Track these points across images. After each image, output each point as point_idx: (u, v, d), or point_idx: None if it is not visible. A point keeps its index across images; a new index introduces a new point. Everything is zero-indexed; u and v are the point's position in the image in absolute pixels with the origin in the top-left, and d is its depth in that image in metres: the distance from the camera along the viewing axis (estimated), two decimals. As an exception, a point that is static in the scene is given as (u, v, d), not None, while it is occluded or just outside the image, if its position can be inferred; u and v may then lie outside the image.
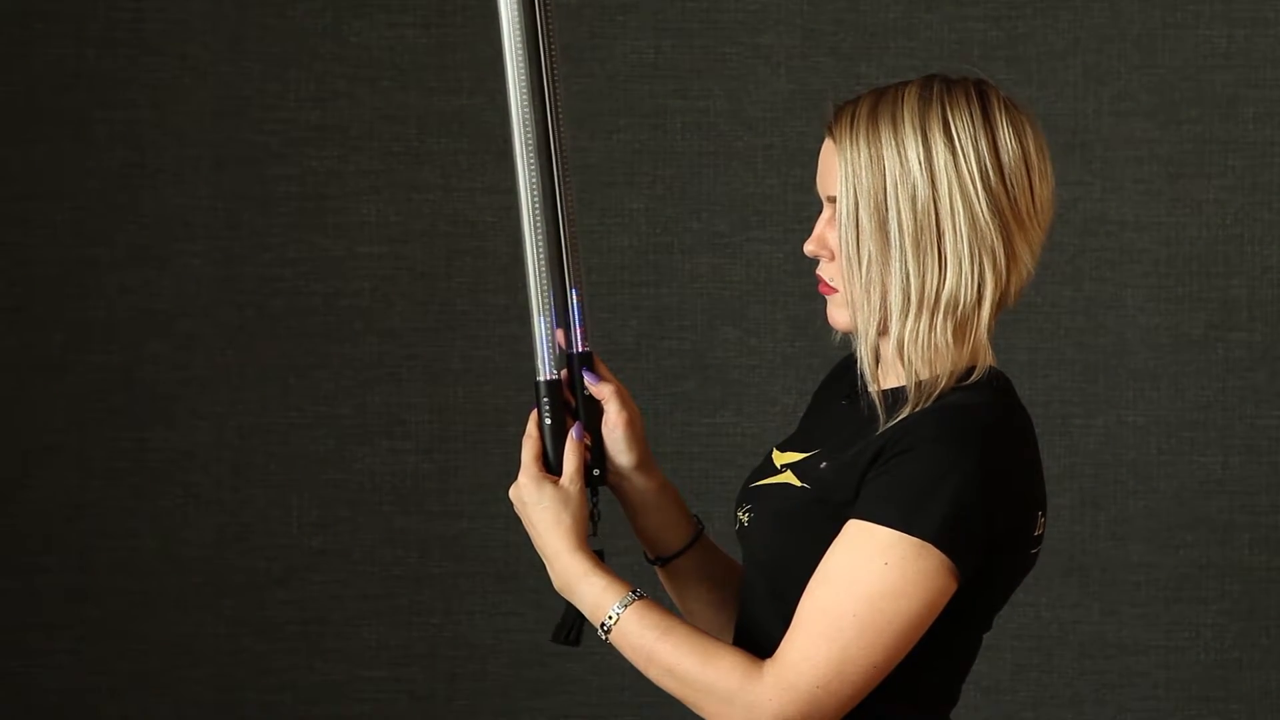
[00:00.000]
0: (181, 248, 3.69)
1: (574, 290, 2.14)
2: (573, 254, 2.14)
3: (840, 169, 2.01)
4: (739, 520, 2.09)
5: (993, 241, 1.99)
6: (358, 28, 3.67)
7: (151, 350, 3.70)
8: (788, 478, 2.06)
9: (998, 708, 3.67)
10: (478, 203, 3.68)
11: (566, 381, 2.15)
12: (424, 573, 3.71)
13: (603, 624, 2.04)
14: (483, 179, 3.68)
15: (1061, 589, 3.66)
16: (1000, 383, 2.03)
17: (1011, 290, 2.02)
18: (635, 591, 2.04)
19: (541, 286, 2.13)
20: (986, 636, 2.07)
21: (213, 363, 3.70)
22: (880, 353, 2.04)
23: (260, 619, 3.72)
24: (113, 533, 3.71)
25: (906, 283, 1.99)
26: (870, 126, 2.00)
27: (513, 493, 2.11)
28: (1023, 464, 1.99)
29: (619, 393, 2.14)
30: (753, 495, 2.09)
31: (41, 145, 3.67)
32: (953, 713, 2.07)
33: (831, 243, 2.04)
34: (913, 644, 1.95)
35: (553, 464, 2.12)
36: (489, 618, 3.71)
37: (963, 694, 2.08)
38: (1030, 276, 2.03)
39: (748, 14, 3.64)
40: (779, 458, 2.11)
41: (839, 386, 2.15)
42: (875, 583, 1.92)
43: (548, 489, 2.09)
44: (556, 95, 2.13)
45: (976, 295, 2.00)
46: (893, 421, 1.99)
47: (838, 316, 2.06)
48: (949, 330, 2.00)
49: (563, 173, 2.14)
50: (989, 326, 2.01)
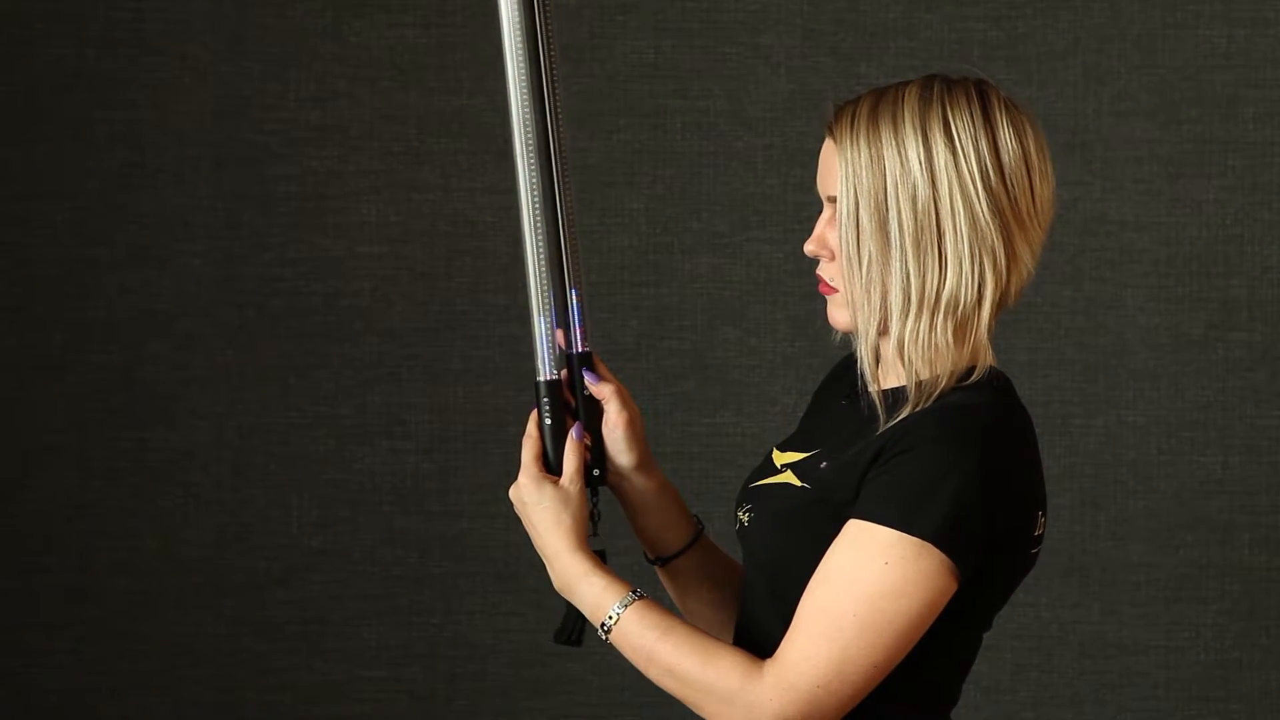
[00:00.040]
0: (181, 248, 3.69)
1: (574, 290, 2.14)
2: (573, 254, 2.14)
3: (840, 169, 2.01)
4: (739, 520, 2.09)
5: (993, 241, 1.99)
6: (358, 28, 3.67)
7: (151, 350, 3.70)
8: (788, 477, 2.06)
9: (998, 708, 3.67)
10: (478, 203, 3.68)
11: (566, 381, 2.15)
12: (424, 573, 3.71)
13: (603, 624, 2.03)
14: (483, 179, 3.68)
15: (1061, 589, 3.66)
16: (1000, 383, 2.03)
17: (1012, 290, 2.02)
18: (635, 591, 2.04)
19: (541, 286, 2.13)
20: (986, 636, 2.07)
21: (213, 363, 3.70)
22: (880, 353, 2.04)
23: (260, 619, 3.72)
24: (113, 533, 3.71)
25: (907, 283, 1.99)
26: (871, 126, 2.00)
27: (513, 493, 2.11)
28: (1023, 464, 1.99)
29: (619, 393, 2.14)
30: (753, 495, 2.09)
31: (41, 145, 3.67)
32: (953, 713, 2.07)
33: (832, 243, 2.04)
34: (913, 644, 1.95)
35: (553, 464, 2.12)
36: (489, 618, 3.71)
37: (963, 694, 2.08)
38: (1030, 276, 2.03)
39: (748, 14, 3.64)
40: (779, 458, 2.10)
41: (839, 386, 2.15)
42: (875, 582, 1.92)
43: (548, 489, 2.09)
44: (556, 95, 2.13)
45: (977, 295, 2.00)
46: (893, 421, 1.99)
47: (838, 316, 2.06)
48: (949, 330, 2.00)
49: (563, 173, 2.14)
50: (989, 326, 2.01)
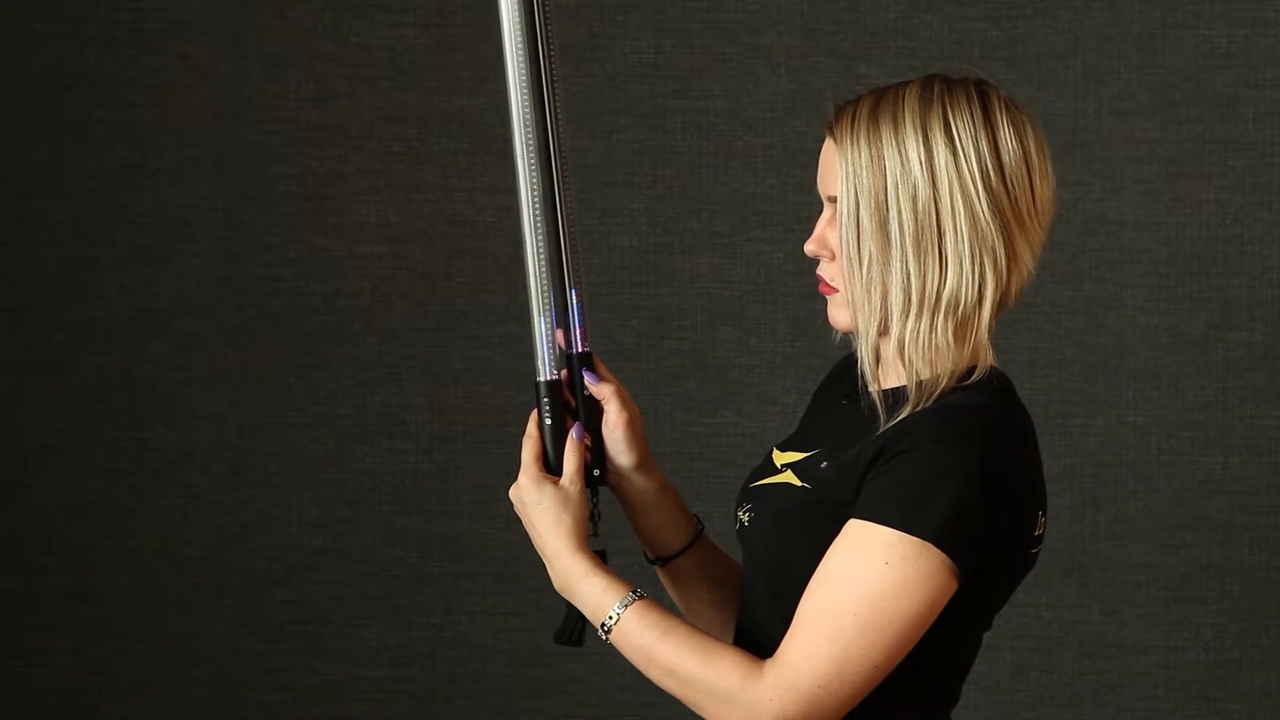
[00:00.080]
0: (181, 248, 3.69)
1: (574, 290, 2.14)
2: (573, 254, 2.14)
3: (841, 169, 2.01)
4: (739, 520, 2.09)
5: (993, 241, 1.99)
6: (358, 28, 3.67)
7: (151, 350, 3.70)
8: (788, 477, 2.06)
9: (998, 708, 3.67)
10: (478, 203, 3.68)
11: (566, 381, 2.15)
12: (424, 573, 3.71)
13: (603, 624, 2.03)
14: (483, 179, 3.68)
15: (1061, 589, 3.65)
16: (1000, 383, 2.03)
17: (1012, 290, 2.02)
18: (635, 591, 2.03)
19: (541, 286, 2.13)
20: (986, 636, 2.07)
21: (213, 363, 3.69)
22: (881, 353, 2.04)
23: (260, 619, 3.72)
24: (113, 533, 3.71)
25: (907, 283, 1.99)
26: (871, 126, 2.00)
27: (513, 493, 2.11)
28: (1023, 464, 1.99)
29: (619, 393, 2.14)
30: (753, 495, 2.09)
31: (41, 145, 3.67)
32: (953, 712, 2.07)
33: (832, 243, 2.04)
34: (913, 644, 1.95)
35: (553, 464, 2.12)
36: (489, 618, 3.71)
37: (963, 694, 2.08)
38: (1031, 276, 2.03)
39: (748, 14, 3.64)
40: (779, 457, 2.10)
41: (839, 386, 2.15)
42: (876, 582, 1.92)
43: (548, 489, 2.09)
44: (556, 95, 2.13)
45: (977, 295, 2.00)
46: (893, 421, 1.98)
47: (838, 316, 2.06)
48: (950, 330, 2.00)
49: (563, 173, 2.14)
50: (989, 326, 2.01)
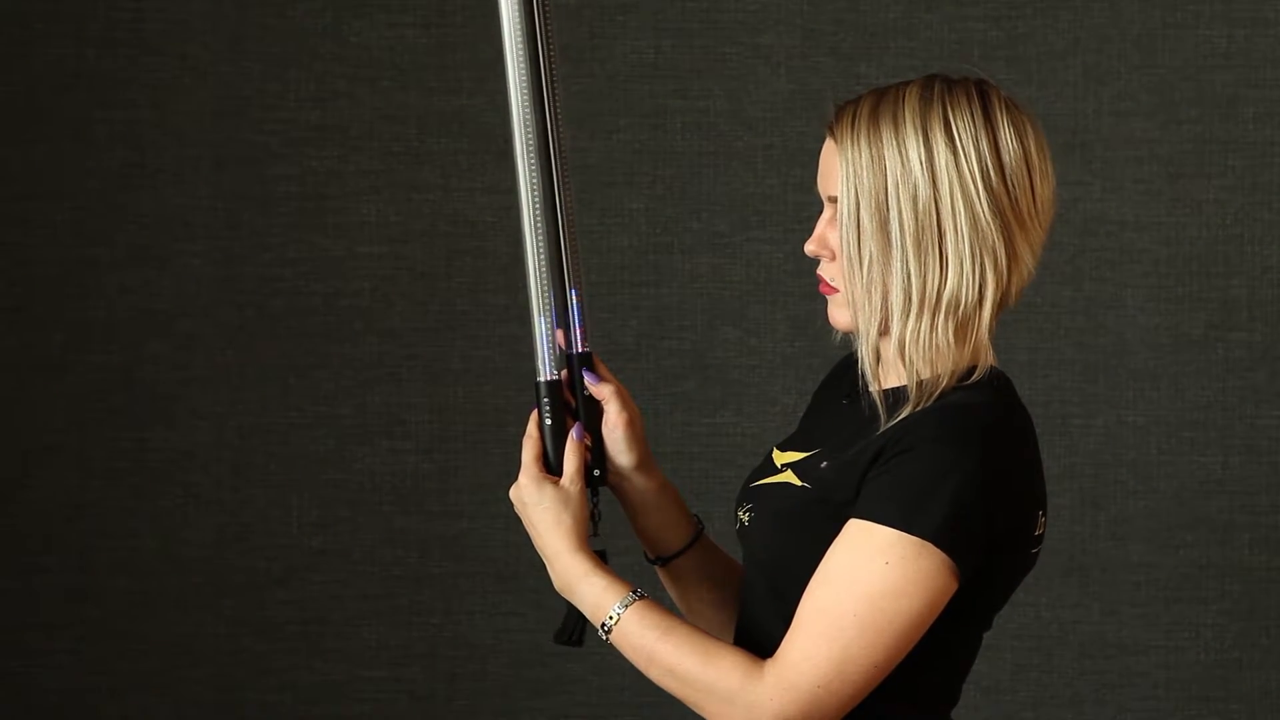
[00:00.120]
0: (181, 248, 3.69)
1: (574, 290, 2.14)
2: (573, 254, 2.14)
3: (841, 169, 2.01)
4: (739, 520, 2.09)
5: (994, 241, 1.99)
6: (358, 28, 3.67)
7: (151, 350, 3.70)
8: (788, 477, 2.06)
9: (998, 708, 3.67)
10: (478, 203, 3.68)
11: (566, 382, 2.15)
12: (424, 573, 3.71)
13: (603, 624, 2.03)
14: (483, 179, 3.68)
15: (1061, 589, 3.65)
16: (1001, 382, 2.03)
17: (1012, 290, 2.02)
18: (636, 591, 2.03)
19: (541, 286, 2.13)
20: (986, 636, 2.07)
21: (213, 363, 3.69)
22: (881, 352, 2.04)
23: (260, 619, 3.71)
24: (113, 533, 3.71)
25: (908, 283, 1.99)
26: (871, 126, 2.00)
27: (513, 493, 2.11)
28: (1023, 463, 1.99)
29: (619, 393, 2.14)
30: (753, 495, 2.09)
31: (41, 145, 3.67)
32: (953, 712, 2.07)
33: (832, 243, 2.04)
34: (913, 643, 1.95)
35: (553, 464, 2.12)
36: (489, 618, 3.71)
37: (963, 694, 2.08)
38: (1031, 276, 2.03)
39: (748, 14, 3.64)
40: (779, 457, 2.10)
41: (839, 386, 2.15)
42: (876, 582, 1.92)
43: (548, 489, 2.09)
44: (556, 95, 2.13)
45: (978, 295, 2.00)
46: (893, 421, 1.98)
47: (839, 316, 2.06)
48: (950, 330, 2.00)
49: (563, 173, 2.14)
50: (990, 326, 2.01)
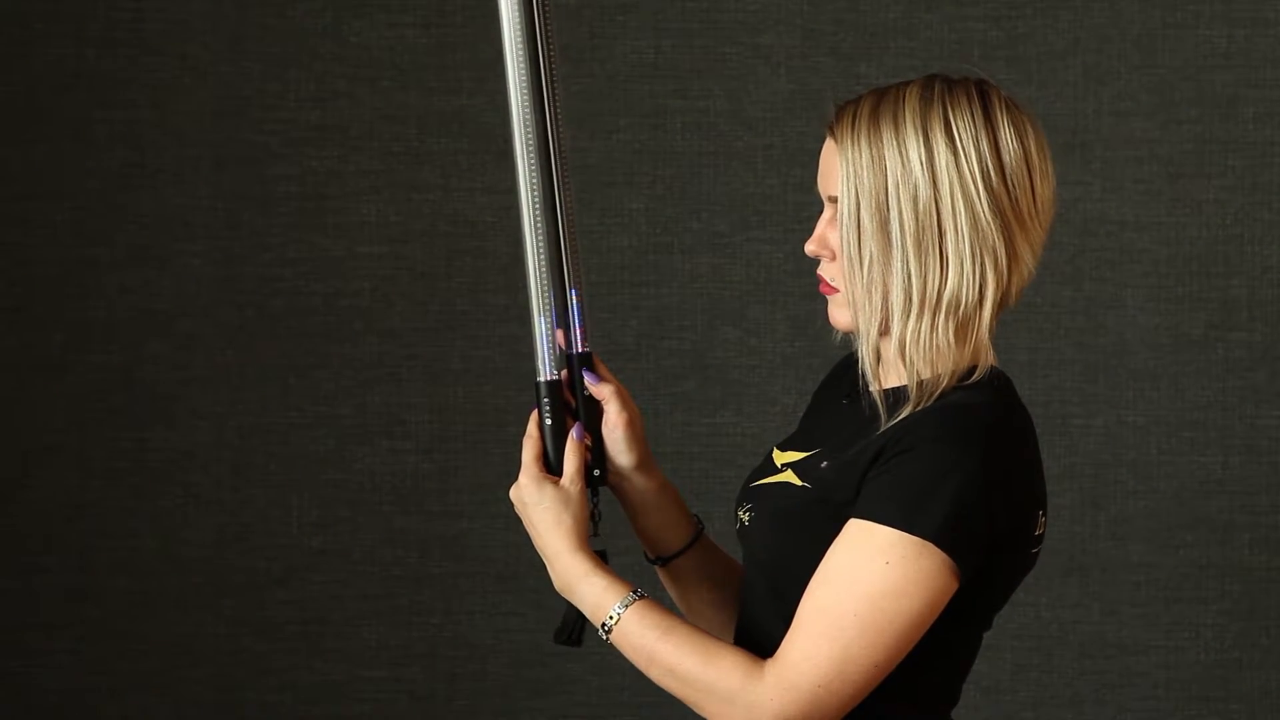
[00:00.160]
0: (181, 248, 3.69)
1: (574, 290, 2.14)
2: (573, 254, 2.14)
3: (841, 169, 2.01)
4: (739, 519, 2.09)
5: (994, 241, 1.99)
6: (358, 28, 3.67)
7: (151, 350, 3.70)
8: (788, 477, 2.06)
9: (998, 708, 3.67)
10: (478, 203, 3.68)
11: (566, 382, 2.15)
12: (424, 573, 3.71)
13: (604, 624, 2.03)
14: (483, 179, 3.68)
15: (1061, 589, 3.65)
16: (1001, 382, 2.03)
17: (1013, 290, 2.02)
18: (636, 591, 2.03)
19: (541, 286, 2.13)
20: (986, 636, 2.07)
21: (213, 363, 3.69)
22: (881, 352, 2.04)
23: (260, 619, 3.71)
24: (113, 533, 3.71)
25: (908, 283, 1.99)
26: (872, 126, 2.00)
27: (513, 493, 2.11)
28: (1023, 463, 1.99)
29: (619, 393, 2.14)
30: (753, 494, 2.09)
31: (41, 145, 3.67)
32: (953, 712, 2.07)
33: (833, 243, 2.04)
34: (914, 643, 1.95)
35: (553, 464, 2.12)
36: (489, 618, 3.71)
37: (963, 694, 2.08)
38: (1031, 276, 2.03)
39: (748, 14, 3.64)
40: (779, 457, 2.10)
41: (839, 386, 2.15)
42: (876, 582, 1.92)
43: (548, 489, 2.09)
44: (556, 95, 2.13)
45: (978, 295, 2.00)
46: (894, 421, 1.98)
47: (839, 316, 2.06)
48: (950, 330, 2.00)
49: (563, 173, 2.14)
50: (990, 326, 2.01)
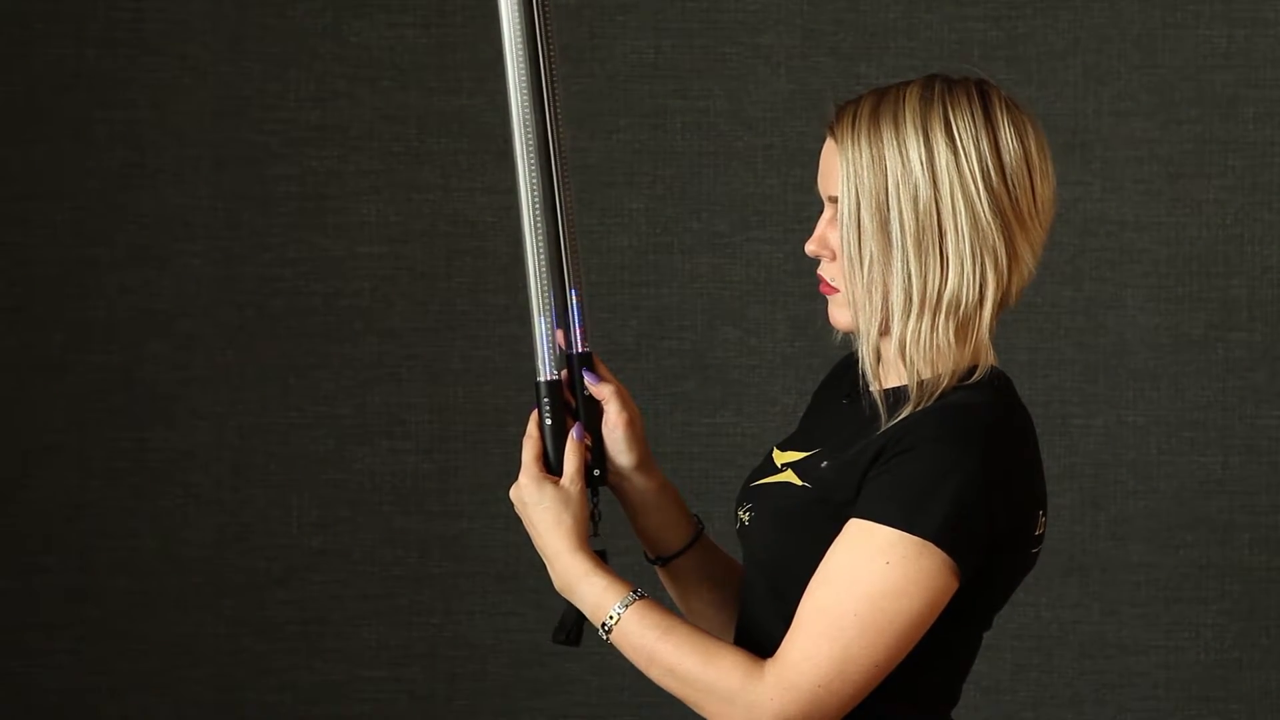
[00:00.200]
0: (181, 248, 3.69)
1: (574, 290, 2.14)
2: (572, 254, 2.14)
3: (842, 169, 2.01)
4: (739, 519, 2.09)
5: (994, 241, 1.99)
6: (358, 28, 3.67)
7: (151, 350, 3.70)
8: (788, 477, 2.06)
9: (998, 708, 3.67)
10: (478, 203, 3.68)
11: (566, 382, 2.15)
12: (424, 573, 3.71)
13: (604, 624, 2.03)
14: (483, 179, 3.68)
15: (1061, 589, 3.65)
16: (1001, 382, 2.03)
17: (1013, 290, 2.02)
18: (636, 591, 2.03)
19: (541, 286, 2.13)
20: (986, 636, 2.07)
21: (213, 363, 3.69)
22: (881, 352, 2.04)
23: (260, 619, 3.71)
24: (113, 533, 3.71)
25: (908, 283, 1.99)
26: (872, 126, 2.00)
27: (513, 493, 2.11)
28: (1023, 463, 1.99)
29: (619, 393, 2.14)
30: (753, 494, 2.09)
31: (41, 145, 3.67)
32: (953, 712, 2.07)
33: (833, 243, 2.04)
34: (914, 643, 1.95)
35: (553, 464, 2.12)
36: (489, 618, 3.71)
37: (963, 694, 2.08)
38: (1032, 276, 2.03)
39: (748, 14, 3.64)
40: (779, 457, 2.10)
41: (840, 386, 2.15)
42: (877, 582, 1.92)
43: (548, 489, 2.09)
44: (556, 95, 2.13)
45: (978, 295, 2.00)
46: (894, 421, 1.98)
47: (839, 316, 2.06)
48: (951, 330, 2.00)
49: (563, 173, 2.14)
50: (990, 326, 2.01)
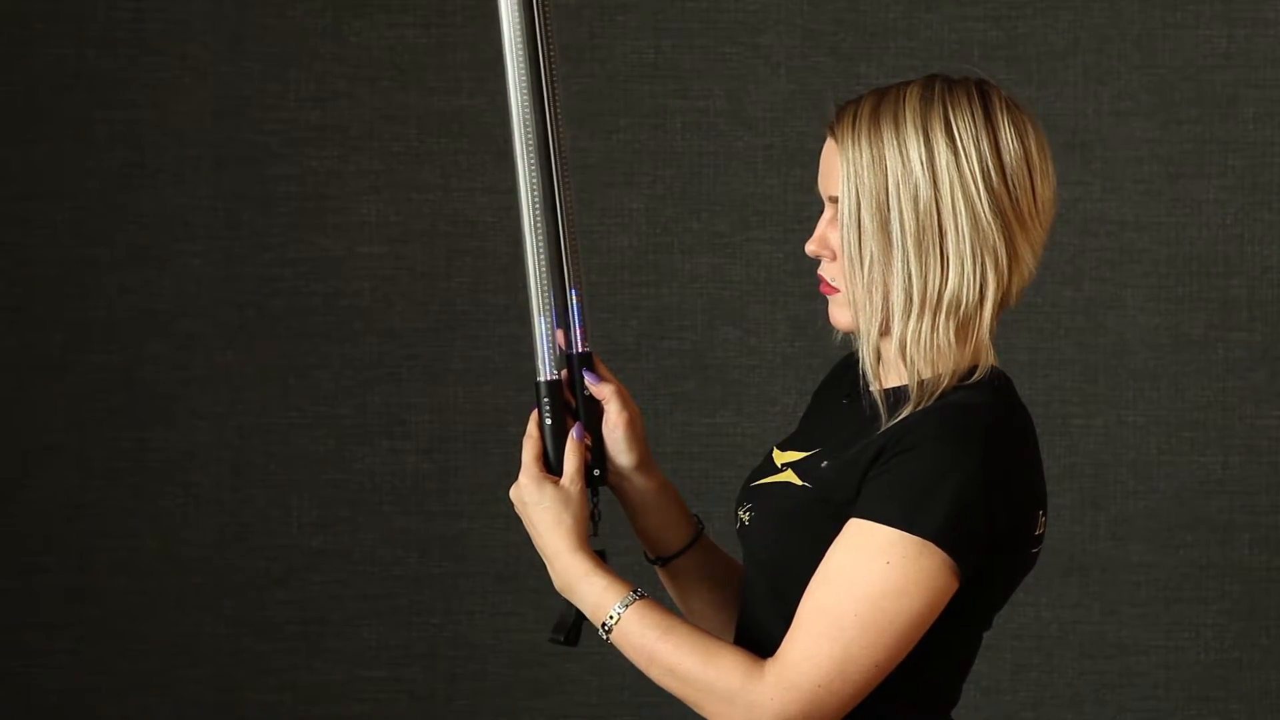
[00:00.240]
0: (181, 248, 3.69)
1: (574, 290, 2.14)
2: (573, 254, 2.14)
3: (842, 169, 2.01)
4: (739, 519, 2.09)
5: (994, 241, 1.99)
6: (358, 28, 3.67)
7: (151, 350, 3.70)
8: (788, 476, 2.06)
9: (998, 708, 3.67)
10: (478, 203, 3.68)
11: (566, 381, 2.15)
12: (424, 573, 3.71)
13: (604, 624, 2.03)
14: (483, 179, 3.68)
15: (1061, 589, 3.65)
16: (1001, 382, 2.03)
17: (1013, 290, 2.02)
18: (636, 591, 2.03)
19: (541, 286, 2.13)
20: (986, 636, 2.07)
21: (213, 363, 3.69)
22: (882, 352, 2.04)
23: (260, 619, 3.71)
24: (113, 533, 3.71)
25: (909, 283, 1.99)
26: (872, 126, 2.00)
27: (513, 493, 2.11)
28: (1024, 463, 1.99)
29: (619, 393, 2.14)
30: (753, 494, 2.09)
31: (41, 145, 3.67)
32: (953, 712, 2.07)
33: (833, 243, 2.04)
34: (914, 643, 1.95)
35: (553, 464, 2.12)
36: (489, 618, 3.71)
37: (963, 694, 2.08)
38: (1032, 276, 2.03)
39: (748, 14, 3.64)
40: (779, 457, 2.10)
41: (840, 386, 2.15)
42: (877, 582, 1.92)
43: (548, 489, 2.09)
44: (556, 95, 2.13)
45: (979, 295, 2.00)
46: (894, 420, 1.98)
47: (839, 316, 2.06)
48: (951, 330, 2.00)
49: (563, 173, 2.14)
50: (991, 326, 2.01)
